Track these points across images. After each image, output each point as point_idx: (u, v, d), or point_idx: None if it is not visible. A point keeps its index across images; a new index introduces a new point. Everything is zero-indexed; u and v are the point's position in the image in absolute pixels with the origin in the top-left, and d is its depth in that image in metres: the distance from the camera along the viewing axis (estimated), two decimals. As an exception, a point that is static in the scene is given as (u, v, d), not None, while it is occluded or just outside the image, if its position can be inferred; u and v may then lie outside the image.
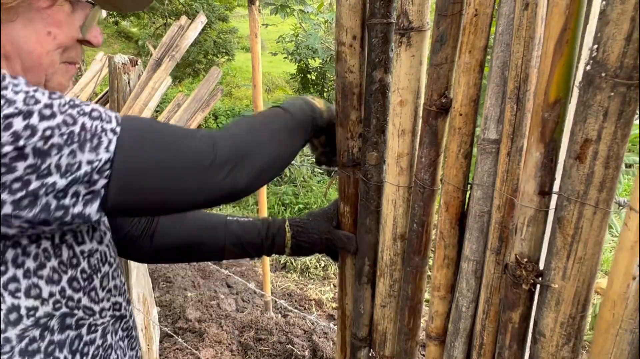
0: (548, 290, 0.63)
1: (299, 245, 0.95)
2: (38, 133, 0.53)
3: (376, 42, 0.81)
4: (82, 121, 0.57)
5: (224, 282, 3.52)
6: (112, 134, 0.60)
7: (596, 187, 0.56)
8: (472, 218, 0.74)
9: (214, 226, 0.94)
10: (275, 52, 7.22)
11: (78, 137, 0.56)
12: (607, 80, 0.53)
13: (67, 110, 0.57)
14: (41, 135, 0.53)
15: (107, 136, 0.59)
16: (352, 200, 0.88)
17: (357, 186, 0.86)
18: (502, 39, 0.67)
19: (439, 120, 0.75)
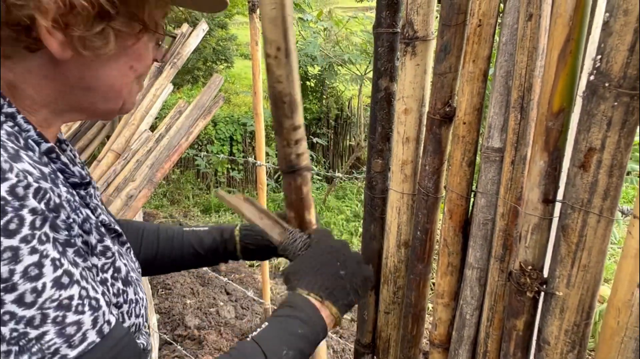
0: (552, 298, 0.64)
1: (247, 248, 0.93)
2: None
3: (382, 51, 0.82)
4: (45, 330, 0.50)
5: (223, 289, 3.51)
6: None
7: (600, 195, 0.57)
8: (475, 226, 0.75)
9: (170, 238, 0.93)
10: (274, 59, 7.25)
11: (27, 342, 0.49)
12: (610, 90, 0.54)
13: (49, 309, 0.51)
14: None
15: None
16: (296, 206, 0.81)
17: (299, 192, 0.80)
18: (506, 48, 0.68)
19: (442, 128, 0.76)
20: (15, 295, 0.48)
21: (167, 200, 6.19)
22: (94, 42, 0.57)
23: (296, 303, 0.72)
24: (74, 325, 0.51)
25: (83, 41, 0.56)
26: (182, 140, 1.72)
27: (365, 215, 0.92)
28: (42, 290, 0.49)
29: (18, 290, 0.48)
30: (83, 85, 0.60)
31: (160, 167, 1.66)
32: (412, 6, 0.74)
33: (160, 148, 1.70)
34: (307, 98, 7.17)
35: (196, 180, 6.69)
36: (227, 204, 0.89)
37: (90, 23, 0.55)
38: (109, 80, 0.61)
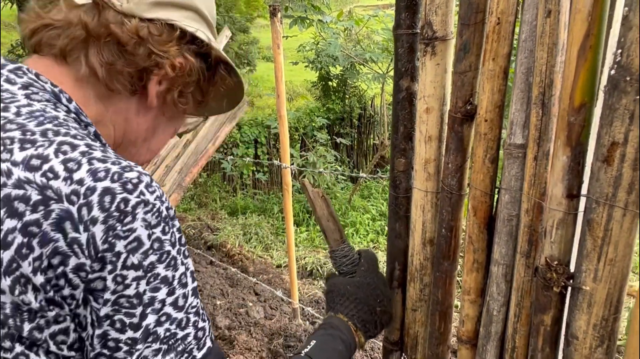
0: (579, 292, 0.64)
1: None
2: None
3: (402, 51, 0.83)
4: (188, 332, 0.57)
5: (251, 290, 3.56)
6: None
7: (625, 189, 0.57)
8: (500, 222, 0.75)
9: None
10: (296, 61, 7.30)
11: (175, 341, 0.56)
12: (632, 84, 0.54)
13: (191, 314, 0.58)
14: None
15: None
16: None
17: None
18: (526, 45, 0.68)
19: (464, 126, 0.76)
20: (173, 298, 0.55)
21: (194, 204, 6.30)
22: (180, 100, 0.68)
23: (338, 326, 0.82)
24: (202, 330, 0.59)
25: (174, 98, 0.67)
26: (209, 145, 1.76)
27: (390, 214, 0.94)
28: (187, 296, 0.57)
29: (175, 294, 0.55)
30: (146, 135, 0.69)
31: (189, 172, 1.71)
32: (431, 7, 0.75)
33: (188, 154, 1.75)
34: (330, 99, 7.18)
35: (222, 183, 6.79)
36: (306, 193, 0.96)
37: (189, 85, 0.67)
38: (161, 136, 0.72)
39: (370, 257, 0.92)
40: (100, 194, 0.50)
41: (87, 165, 0.51)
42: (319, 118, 6.93)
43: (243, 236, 4.89)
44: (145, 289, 0.53)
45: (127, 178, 0.52)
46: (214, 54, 0.69)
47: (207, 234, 4.90)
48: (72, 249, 0.49)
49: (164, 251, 0.54)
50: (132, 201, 0.51)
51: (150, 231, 0.53)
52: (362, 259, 0.91)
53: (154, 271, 0.53)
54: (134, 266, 0.51)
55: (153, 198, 0.53)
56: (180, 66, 0.64)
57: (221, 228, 5.03)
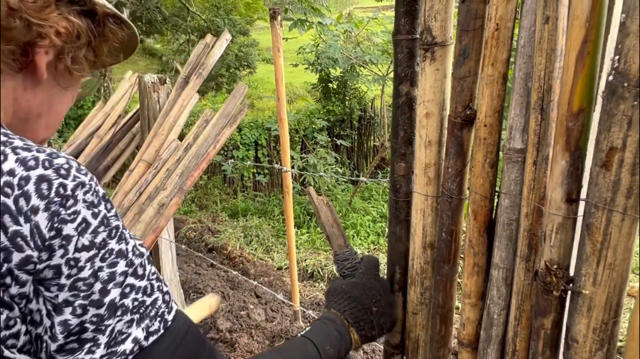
0: (579, 296, 0.64)
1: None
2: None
3: (402, 57, 0.83)
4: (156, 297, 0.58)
5: (252, 292, 3.57)
6: (162, 324, 0.58)
7: (623, 194, 0.58)
8: (500, 226, 0.76)
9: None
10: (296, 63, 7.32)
11: (145, 309, 0.57)
12: (629, 89, 0.54)
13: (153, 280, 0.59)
14: None
15: (159, 323, 0.58)
16: None
17: None
18: (524, 51, 0.68)
19: (464, 131, 0.77)
20: (132, 269, 0.56)
21: (195, 206, 6.31)
22: (75, 67, 0.62)
23: (333, 318, 0.85)
24: (167, 294, 0.60)
25: (67, 65, 0.61)
26: (209, 148, 1.77)
27: (391, 218, 0.94)
28: (145, 264, 0.58)
29: (134, 265, 0.56)
30: (39, 110, 0.62)
31: (190, 175, 1.71)
32: (430, 13, 0.76)
33: (189, 157, 1.76)
34: (330, 100, 7.19)
35: (223, 185, 6.80)
36: (311, 201, 0.99)
37: (80, 49, 0.62)
38: (58, 108, 0.66)
39: (370, 261, 0.94)
40: (36, 182, 0.49)
41: (13, 154, 0.50)
42: (319, 120, 6.94)
43: (244, 238, 4.90)
44: (101, 266, 0.52)
45: (58, 164, 0.51)
46: (100, 10, 0.63)
47: (208, 236, 4.91)
48: (15, 243, 0.47)
49: (112, 226, 0.54)
50: (69, 185, 0.51)
51: (94, 210, 0.53)
52: (362, 261, 0.94)
53: (107, 248, 0.53)
54: (86, 247, 0.51)
55: (87, 179, 0.53)
56: (66, 31, 0.59)
57: (222, 230, 5.04)
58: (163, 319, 0.58)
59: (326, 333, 0.81)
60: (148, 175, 1.79)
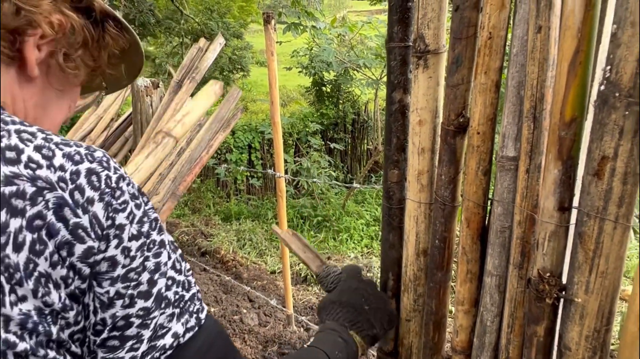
0: (572, 304, 0.64)
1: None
2: None
3: (395, 64, 0.84)
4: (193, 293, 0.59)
5: (245, 296, 3.55)
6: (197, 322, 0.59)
7: (615, 203, 0.58)
8: (493, 234, 0.76)
9: None
10: (289, 66, 7.32)
11: (184, 304, 0.57)
12: (621, 99, 0.55)
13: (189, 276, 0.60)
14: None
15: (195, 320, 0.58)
16: None
17: None
18: (517, 59, 0.69)
19: (457, 138, 0.77)
20: (172, 261, 0.56)
21: (188, 209, 6.28)
22: (68, 65, 0.60)
23: (332, 327, 0.83)
24: (199, 293, 0.61)
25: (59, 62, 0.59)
26: (202, 153, 1.76)
27: (384, 224, 0.94)
28: (181, 260, 0.58)
29: (172, 258, 0.57)
30: (35, 114, 0.60)
31: (183, 180, 1.71)
32: (423, 21, 0.76)
33: (182, 162, 1.75)
34: (324, 104, 7.19)
35: (216, 189, 6.77)
36: (279, 237, 1.05)
37: (75, 47, 0.59)
38: (53, 114, 0.63)
39: (350, 269, 0.95)
40: (86, 175, 0.50)
41: (58, 150, 0.50)
42: (313, 124, 6.94)
43: (237, 242, 4.88)
44: (148, 255, 0.53)
45: (99, 157, 0.52)
46: (98, 8, 0.61)
47: (201, 240, 4.89)
48: (76, 235, 0.48)
49: (152, 218, 0.55)
50: (113, 177, 0.52)
51: (136, 202, 0.54)
52: (343, 272, 0.95)
53: (151, 238, 0.54)
54: (135, 237, 0.52)
55: (124, 172, 0.55)
56: (59, 24, 0.56)
57: (215, 234, 5.01)
58: (197, 317, 0.58)
59: (332, 341, 0.80)
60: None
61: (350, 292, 0.89)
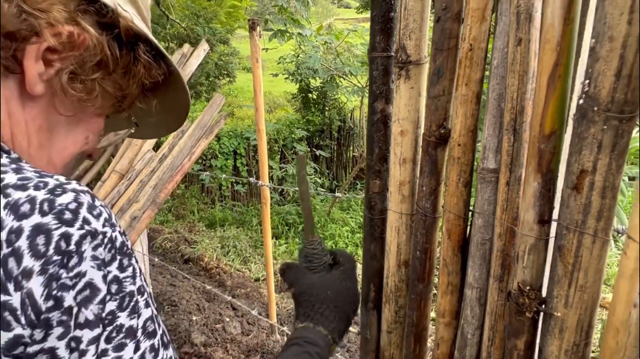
0: (551, 318, 0.64)
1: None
2: None
3: (377, 74, 0.83)
4: None
5: (229, 305, 3.51)
6: None
7: (594, 217, 0.58)
8: (474, 246, 0.75)
9: None
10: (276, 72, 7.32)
11: None
12: (599, 113, 0.54)
13: None
14: None
15: None
16: None
17: None
18: (497, 72, 0.69)
19: (438, 150, 0.77)
20: (139, 354, 0.44)
21: (172, 216, 6.21)
22: (74, 86, 0.50)
23: (317, 341, 0.67)
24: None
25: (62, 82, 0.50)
26: (185, 160, 1.74)
27: (365, 235, 0.93)
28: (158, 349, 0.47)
29: (141, 349, 0.44)
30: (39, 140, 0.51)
31: (164, 188, 1.68)
32: (405, 31, 0.76)
33: (164, 169, 1.72)
34: (310, 111, 7.19)
35: (201, 195, 6.71)
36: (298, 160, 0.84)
37: (87, 66, 0.50)
38: (63, 144, 0.54)
39: (348, 256, 0.80)
40: (30, 235, 0.38)
41: (3, 197, 0.39)
42: (299, 130, 6.94)
43: (221, 249, 4.83)
44: (105, 349, 0.41)
45: (62, 205, 0.40)
46: (124, 26, 0.51)
47: (184, 247, 4.83)
48: (1, 319, 0.37)
49: (125, 293, 0.43)
50: (74, 236, 0.40)
51: (104, 271, 0.42)
52: (340, 258, 0.79)
53: (115, 323, 0.42)
54: (90, 324, 0.40)
55: (101, 224, 0.42)
56: (69, 36, 0.47)
57: (199, 240, 4.96)
58: None
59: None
60: (121, 187, 1.75)
61: (349, 295, 0.74)
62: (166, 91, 0.64)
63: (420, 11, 0.74)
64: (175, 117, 0.68)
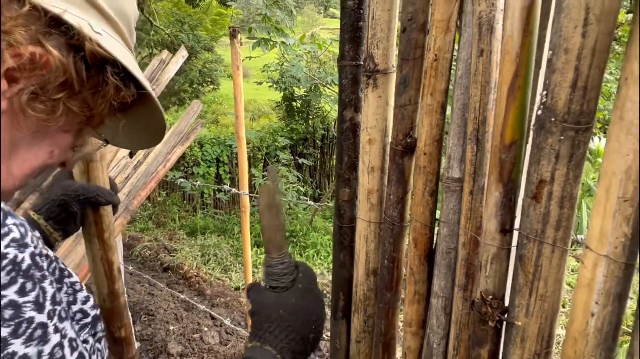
0: (513, 327, 0.64)
1: (60, 221, 0.79)
2: None
3: (346, 82, 0.83)
4: None
5: (207, 314, 3.46)
6: None
7: (553, 226, 0.58)
8: (439, 255, 0.75)
9: None
10: (260, 81, 7.32)
11: None
12: (556, 124, 0.55)
13: None
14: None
15: None
16: None
17: None
18: (462, 82, 0.69)
19: (405, 158, 0.77)
20: None
21: (152, 223, 6.12)
22: (34, 106, 0.50)
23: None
24: None
25: (21, 102, 0.49)
26: (159, 167, 1.72)
27: (335, 244, 0.93)
28: None
29: None
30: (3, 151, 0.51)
31: (137, 195, 1.65)
32: (373, 40, 0.76)
33: (138, 175, 1.70)
34: (294, 119, 7.20)
35: (182, 202, 6.64)
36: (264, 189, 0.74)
37: (50, 87, 0.50)
38: (25, 156, 0.53)
39: (308, 272, 0.75)
40: None
41: None
42: (282, 138, 6.93)
43: (201, 257, 4.78)
44: None
45: None
46: (89, 49, 0.50)
47: (164, 255, 4.76)
48: None
49: (22, 319, 0.40)
50: None
51: None
52: (300, 273, 0.74)
53: (7, 350, 0.39)
54: None
55: (3, 244, 0.40)
56: (31, 58, 0.47)
57: (179, 249, 4.90)
58: None
59: None
60: (94, 193, 1.71)
61: (305, 315, 0.70)
62: (141, 109, 0.63)
63: (388, 21, 0.75)
64: (152, 135, 0.68)
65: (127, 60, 0.56)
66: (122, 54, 0.56)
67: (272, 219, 0.73)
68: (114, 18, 0.56)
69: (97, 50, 0.52)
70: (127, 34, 0.60)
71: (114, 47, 0.55)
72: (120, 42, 0.58)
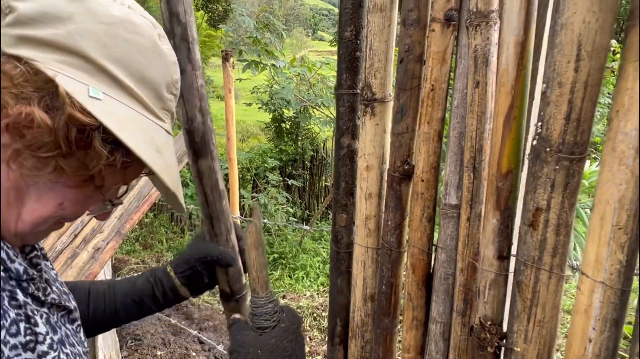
0: (512, 353, 0.65)
1: (188, 279, 0.83)
2: None
3: (343, 110, 0.85)
4: None
5: (195, 338, 3.40)
6: None
7: (549, 253, 0.60)
8: (437, 281, 0.76)
9: (101, 293, 0.84)
10: (249, 102, 7.35)
11: None
12: (551, 154, 0.57)
13: None
14: None
15: None
16: None
17: None
18: (458, 111, 0.71)
19: (402, 185, 0.78)
20: None
21: (139, 245, 6.04)
22: (27, 162, 0.51)
23: None
24: None
25: (15, 156, 0.51)
26: (152, 190, 1.71)
27: (332, 269, 0.93)
28: None
29: None
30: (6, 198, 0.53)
31: (129, 218, 1.64)
32: (370, 70, 0.78)
33: (130, 199, 1.69)
34: (283, 140, 7.23)
35: (170, 224, 6.57)
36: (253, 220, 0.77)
37: (36, 146, 0.51)
38: (34, 204, 0.54)
39: (293, 315, 0.76)
40: None
41: None
42: (272, 160, 6.94)
43: (189, 280, 4.70)
44: None
45: None
46: (67, 113, 0.50)
47: (151, 278, 4.68)
48: None
49: None
50: None
51: None
52: (284, 315, 0.75)
53: None
54: None
55: None
56: (17, 116, 0.49)
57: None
58: None
59: None
60: (85, 216, 1.70)
61: (279, 356, 0.70)
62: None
63: (385, 52, 0.77)
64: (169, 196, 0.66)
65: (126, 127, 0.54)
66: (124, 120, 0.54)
67: (259, 257, 0.75)
68: (127, 83, 0.55)
69: (76, 115, 0.50)
70: (148, 99, 0.58)
71: (114, 113, 0.53)
72: (134, 108, 0.56)
